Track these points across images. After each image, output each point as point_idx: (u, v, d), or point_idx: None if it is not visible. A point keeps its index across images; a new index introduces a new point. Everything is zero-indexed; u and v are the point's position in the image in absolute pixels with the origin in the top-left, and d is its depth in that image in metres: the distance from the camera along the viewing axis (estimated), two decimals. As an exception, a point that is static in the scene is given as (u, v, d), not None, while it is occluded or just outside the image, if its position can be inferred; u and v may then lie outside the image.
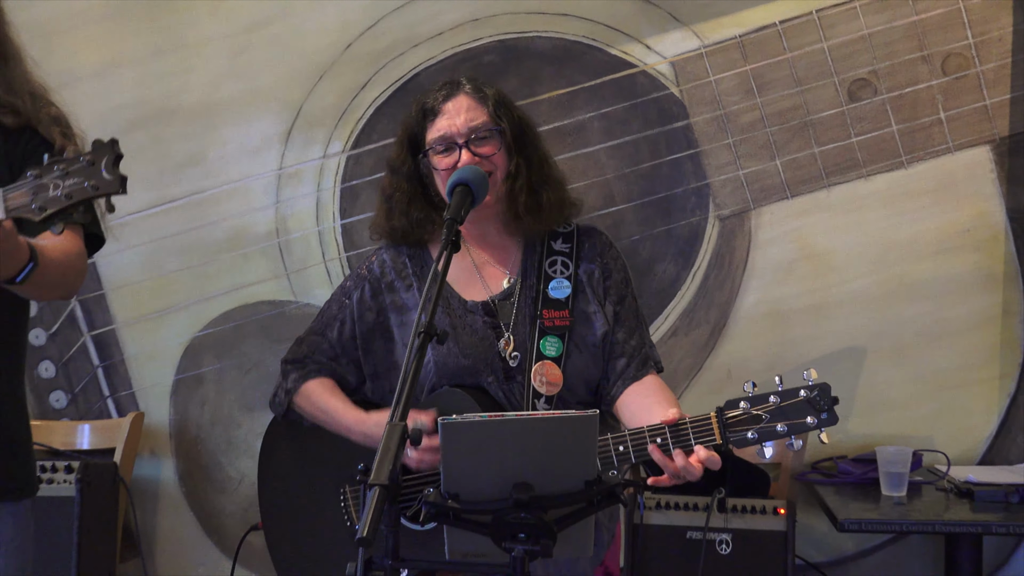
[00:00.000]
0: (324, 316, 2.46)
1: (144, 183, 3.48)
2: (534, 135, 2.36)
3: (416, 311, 2.27)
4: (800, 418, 2.02)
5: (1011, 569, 3.33)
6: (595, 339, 2.30)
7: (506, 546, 1.69)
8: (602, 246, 2.38)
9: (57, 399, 3.56)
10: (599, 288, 2.33)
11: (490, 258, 2.38)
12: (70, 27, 3.48)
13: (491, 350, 2.28)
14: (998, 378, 3.32)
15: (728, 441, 2.04)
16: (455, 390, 2.24)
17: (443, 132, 2.27)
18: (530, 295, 2.32)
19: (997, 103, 3.29)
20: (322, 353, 2.43)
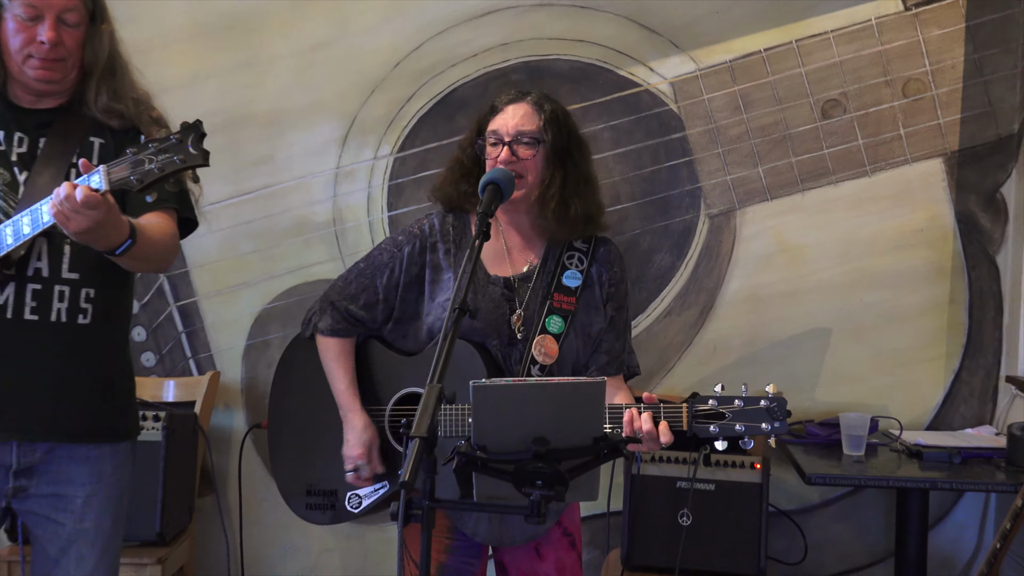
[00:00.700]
0: (375, 262, 2.39)
1: (223, 178, 3.50)
2: (580, 156, 2.33)
3: (448, 273, 2.31)
4: (757, 423, 2.04)
5: (952, 519, 3.35)
6: (592, 330, 2.32)
7: (525, 491, 1.69)
8: (614, 257, 2.38)
9: (147, 359, 3.58)
10: (605, 291, 2.34)
11: (519, 243, 2.37)
12: (163, 45, 3.50)
13: (502, 319, 2.28)
14: (944, 357, 3.31)
15: (692, 429, 2.06)
16: (466, 344, 2.24)
17: (496, 128, 2.28)
18: (546, 279, 2.32)
19: (949, 122, 3.28)
20: (366, 297, 2.37)
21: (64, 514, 2.09)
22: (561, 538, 2.36)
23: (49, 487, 2.07)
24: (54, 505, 2.08)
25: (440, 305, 2.31)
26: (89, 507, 2.10)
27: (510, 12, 3.38)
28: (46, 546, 2.11)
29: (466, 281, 1.84)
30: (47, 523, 2.09)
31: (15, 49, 2.00)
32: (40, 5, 1.97)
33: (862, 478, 2.85)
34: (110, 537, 2.15)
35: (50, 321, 2.02)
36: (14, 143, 2.06)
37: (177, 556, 3.21)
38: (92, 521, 2.10)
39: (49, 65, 2.02)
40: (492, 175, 2.11)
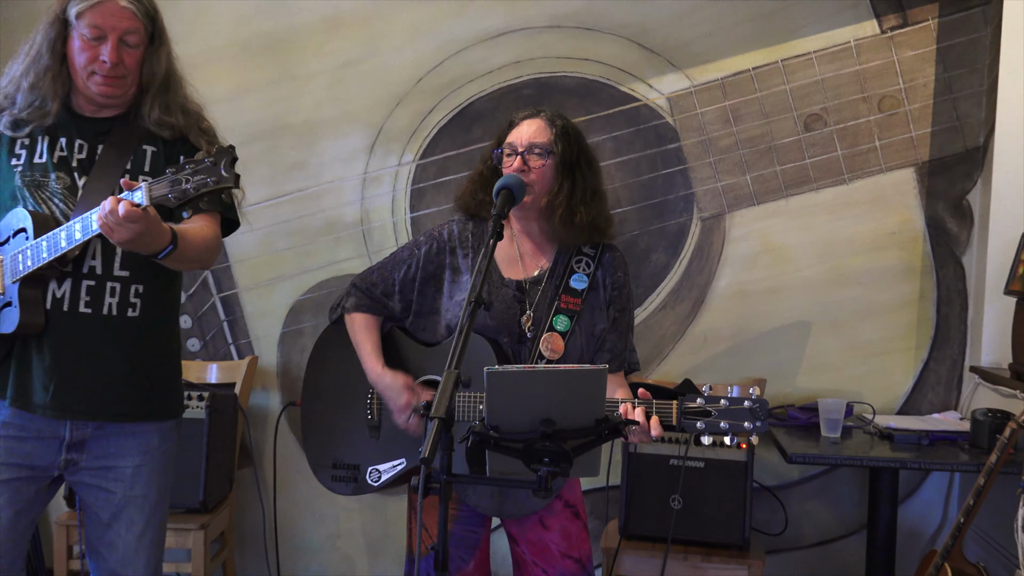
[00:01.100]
0: (396, 258, 2.42)
1: (262, 182, 3.52)
2: (589, 170, 2.32)
3: (466, 275, 2.32)
4: (740, 421, 2.02)
5: (920, 496, 3.35)
6: (595, 329, 2.32)
7: (534, 467, 1.71)
8: (619, 263, 2.36)
9: (193, 344, 3.60)
10: (608, 294, 2.33)
11: (531, 249, 2.37)
12: (211, 61, 3.52)
13: (513, 319, 2.28)
14: (914, 348, 3.32)
15: (680, 425, 2.04)
16: (480, 337, 2.25)
17: (512, 140, 2.30)
18: (555, 282, 2.31)
19: (921, 135, 3.28)
20: (384, 286, 2.39)
21: (115, 483, 2.10)
22: (564, 510, 2.36)
23: (99, 460, 2.09)
24: (104, 476, 2.10)
25: (458, 303, 2.30)
26: (138, 476, 2.12)
27: (522, 33, 3.39)
28: (99, 512, 2.13)
29: (481, 278, 1.86)
30: (98, 492, 2.11)
31: (80, 65, 2.02)
32: (104, 26, 1.99)
33: (838, 458, 2.86)
34: (157, 503, 2.17)
35: (102, 314, 2.04)
36: (75, 150, 2.07)
37: (218, 522, 3.24)
38: (141, 489, 2.12)
39: (110, 82, 2.03)
40: (504, 180, 2.12)
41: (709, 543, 2.94)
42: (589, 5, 3.36)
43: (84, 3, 1.97)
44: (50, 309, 2.01)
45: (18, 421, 2.03)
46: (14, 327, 1.98)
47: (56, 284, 2.01)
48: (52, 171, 2.05)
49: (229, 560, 3.43)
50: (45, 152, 2.06)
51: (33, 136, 2.06)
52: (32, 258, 1.96)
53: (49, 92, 2.03)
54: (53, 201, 2.04)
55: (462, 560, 2.35)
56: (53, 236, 1.95)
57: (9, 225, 2.03)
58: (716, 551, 2.92)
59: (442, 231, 2.39)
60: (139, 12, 2.02)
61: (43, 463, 2.06)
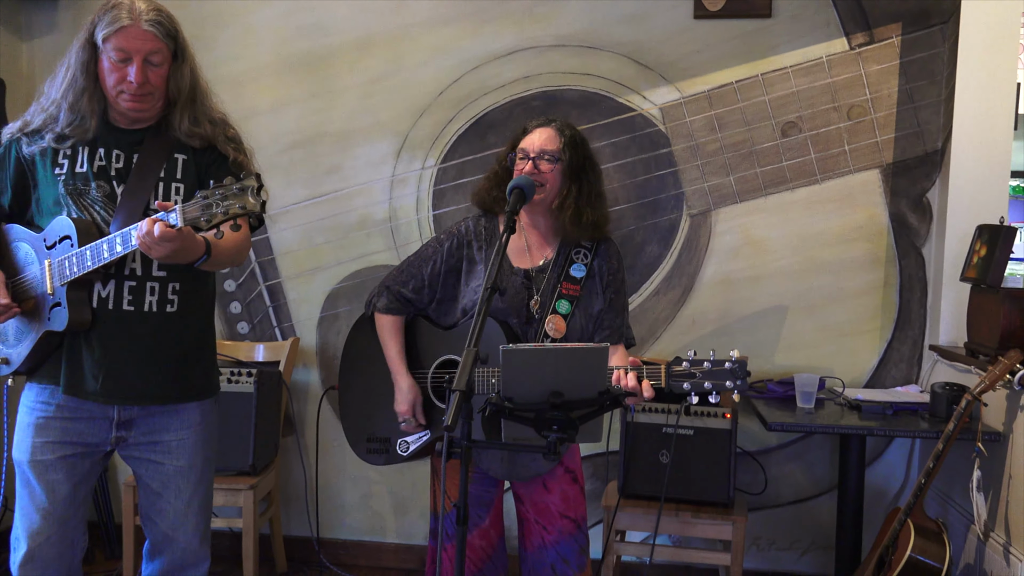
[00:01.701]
0: (421, 256, 2.40)
1: (302, 183, 3.50)
2: (594, 175, 2.32)
3: (480, 264, 2.32)
4: (722, 380, 1.99)
5: (884, 460, 3.33)
6: (593, 311, 2.31)
7: (544, 434, 1.70)
8: (613, 252, 2.36)
9: (242, 327, 3.58)
10: (604, 279, 2.33)
11: (537, 242, 2.36)
12: (254, 79, 3.51)
13: (522, 302, 2.27)
14: (879, 329, 3.28)
15: (669, 387, 2.03)
16: (491, 319, 2.23)
17: (525, 146, 2.29)
18: (557, 271, 2.30)
19: (885, 139, 3.23)
20: (414, 283, 2.37)
21: (162, 456, 2.08)
22: (564, 475, 2.35)
23: (146, 436, 2.07)
24: (152, 449, 2.08)
25: (473, 289, 2.31)
26: (182, 449, 2.09)
27: (531, 51, 3.35)
28: (149, 482, 2.10)
29: (497, 266, 1.84)
30: (148, 464, 2.09)
31: (110, 85, 1.97)
32: (128, 49, 1.92)
33: (812, 426, 2.81)
34: (202, 473, 2.14)
35: (144, 311, 2.00)
36: (112, 160, 2.02)
37: (265, 483, 3.22)
38: (186, 460, 2.10)
39: (138, 99, 1.97)
40: (517, 181, 2.14)
41: (698, 501, 2.92)
42: (590, 26, 3.31)
43: (109, 28, 1.91)
44: (96, 307, 1.98)
45: (71, 404, 2.01)
46: (64, 325, 1.95)
47: (101, 285, 1.98)
48: (92, 180, 2.00)
49: (275, 517, 3.41)
50: (86, 162, 2.01)
51: (75, 148, 2.01)
52: (78, 264, 1.92)
53: (87, 110, 1.98)
54: (95, 208, 2.00)
55: (479, 517, 2.35)
56: (96, 247, 1.90)
57: (55, 231, 1.98)
58: (704, 508, 2.89)
59: (460, 227, 2.38)
60: (161, 33, 1.95)
61: (95, 440, 2.04)
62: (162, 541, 2.14)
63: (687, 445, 2.90)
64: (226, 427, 3.09)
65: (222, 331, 3.57)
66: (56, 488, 2.01)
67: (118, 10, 1.92)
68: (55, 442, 2.00)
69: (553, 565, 2.33)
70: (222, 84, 3.44)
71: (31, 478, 2.01)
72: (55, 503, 2.01)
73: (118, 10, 1.92)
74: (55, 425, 2.01)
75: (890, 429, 2.76)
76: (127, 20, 1.91)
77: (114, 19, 1.91)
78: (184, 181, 2.05)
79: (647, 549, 2.92)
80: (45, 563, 2.02)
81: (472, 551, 2.33)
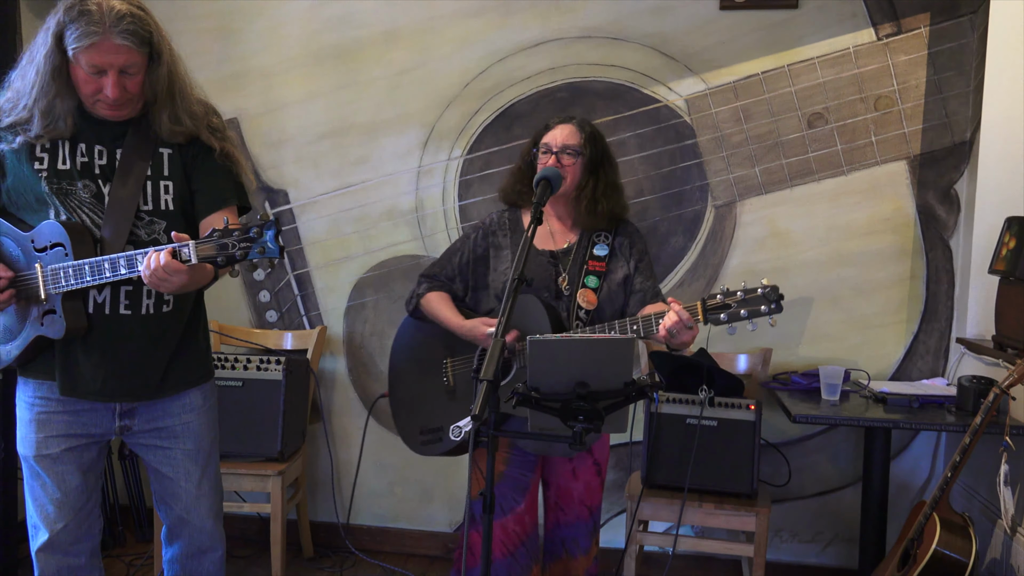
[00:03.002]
0: (451, 249, 2.53)
1: (330, 174, 3.49)
2: (610, 168, 2.42)
3: (506, 250, 2.43)
4: (756, 307, 2.05)
5: (909, 453, 3.26)
6: (619, 281, 2.39)
7: (569, 424, 1.70)
8: (631, 228, 2.48)
9: (271, 316, 3.58)
10: (626, 252, 2.42)
11: (560, 228, 2.46)
12: (284, 71, 3.50)
13: (549, 278, 2.36)
14: (905, 321, 3.21)
15: (707, 320, 2.08)
16: (528, 296, 2.30)
17: (548, 141, 2.38)
18: (582, 252, 2.39)
19: (912, 131, 3.16)
20: (446, 272, 2.50)
21: (168, 440, 2.07)
22: (591, 466, 2.45)
23: (150, 423, 2.05)
24: (158, 435, 2.06)
25: (501, 272, 2.40)
26: (189, 432, 2.08)
27: (557, 43, 3.32)
28: (159, 468, 2.09)
29: (524, 257, 1.87)
30: (156, 450, 2.07)
31: (85, 94, 1.87)
32: (101, 64, 1.81)
33: (837, 418, 2.77)
34: (209, 454, 2.13)
35: (141, 314, 1.96)
36: (95, 155, 1.93)
37: (293, 469, 3.23)
38: (192, 443, 2.08)
39: (115, 108, 1.89)
40: (543, 173, 2.21)
41: (721, 492, 2.88)
42: (616, 18, 3.27)
43: (79, 44, 1.77)
44: (92, 313, 1.92)
45: (71, 399, 1.97)
46: (62, 334, 1.89)
47: (96, 291, 1.92)
48: (78, 179, 1.91)
49: (302, 503, 3.42)
50: (67, 158, 1.91)
51: (53, 142, 1.91)
52: (75, 277, 1.85)
53: (61, 111, 1.87)
54: (83, 210, 1.91)
55: (515, 500, 2.40)
56: (97, 264, 1.83)
57: (45, 235, 1.89)
58: (727, 499, 2.86)
59: (485, 220, 2.50)
60: (135, 43, 1.81)
61: (100, 430, 2.02)
62: (178, 524, 2.13)
63: (711, 436, 2.86)
64: (255, 414, 3.11)
65: (251, 319, 3.59)
66: (66, 478, 1.99)
67: (87, 19, 1.76)
68: (59, 435, 1.97)
69: (564, 542, 2.48)
70: (251, 76, 3.49)
71: (40, 471, 1.98)
72: (67, 493, 1.99)
73: (87, 19, 1.76)
74: (57, 419, 1.97)
75: (916, 422, 2.70)
76: (97, 34, 1.76)
77: (84, 32, 1.76)
78: (172, 178, 1.97)
79: (670, 539, 2.90)
80: (64, 548, 2.02)
81: (506, 535, 2.37)
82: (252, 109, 3.51)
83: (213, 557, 2.17)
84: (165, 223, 1.97)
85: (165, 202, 1.97)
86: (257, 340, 3.46)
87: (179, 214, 1.99)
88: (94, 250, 1.88)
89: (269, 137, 3.51)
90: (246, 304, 3.58)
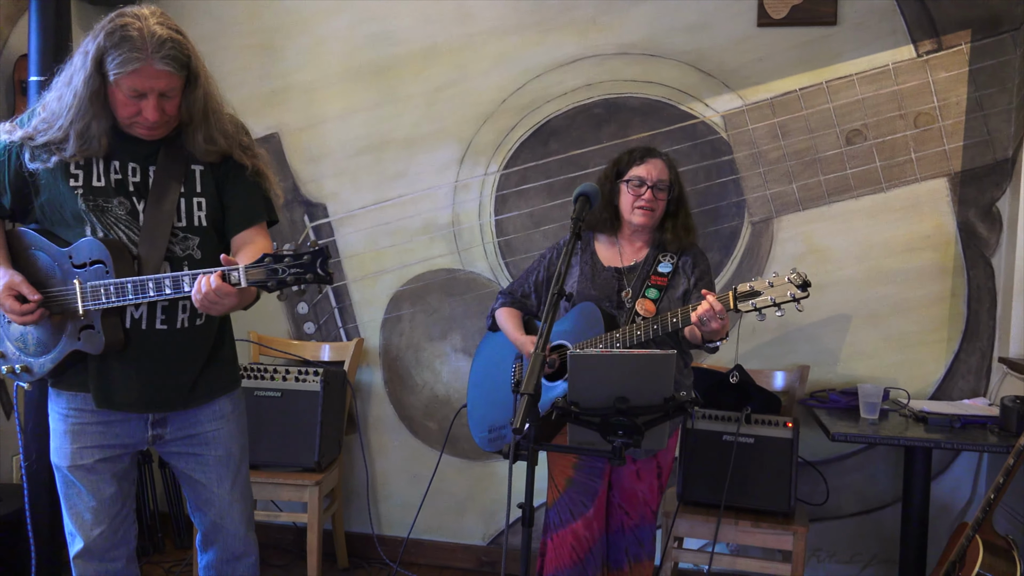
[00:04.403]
0: (531, 267, 2.68)
1: (368, 189, 3.51)
2: (685, 197, 2.59)
3: (576, 267, 2.55)
4: (783, 292, 2.14)
5: (951, 474, 3.19)
6: (679, 296, 2.47)
7: (609, 439, 1.68)
8: (697, 251, 2.58)
9: (308, 328, 3.60)
10: (688, 270, 2.51)
11: (629, 249, 2.57)
12: (324, 86, 3.54)
13: (612, 290, 2.47)
14: (946, 340, 3.15)
15: (737, 306, 2.19)
16: (588, 303, 2.45)
17: (642, 175, 2.50)
18: (647, 268, 2.49)
19: (953, 148, 3.11)
20: (523, 290, 2.66)
21: (201, 447, 2.07)
22: (654, 468, 2.51)
23: (182, 431, 2.06)
24: (190, 443, 2.07)
25: (569, 286, 2.52)
26: (220, 439, 2.08)
27: (594, 59, 3.31)
28: (191, 474, 2.10)
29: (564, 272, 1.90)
30: (188, 457, 2.08)
31: (123, 116, 1.88)
32: (142, 88, 1.83)
33: (877, 437, 2.71)
34: (240, 460, 2.14)
35: (176, 328, 1.97)
36: (129, 172, 1.94)
37: (330, 479, 3.23)
38: (224, 449, 2.09)
39: (152, 129, 1.91)
40: (582, 188, 2.16)
41: (757, 510, 2.84)
42: (653, 35, 3.26)
43: (120, 70, 1.79)
44: (129, 327, 1.93)
45: (105, 410, 1.98)
46: (100, 349, 1.90)
47: (133, 306, 1.93)
48: (113, 196, 1.92)
49: (338, 513, 3.42)
50: (102, 176, 1.92)
51: (87, 160, 1.92)
52: (116, 295, 1.86)
53: (96, 132, 1.88)
54: (119, 227, 1.92)
55: (583, 505, 2.43)
56: (141, 283, 1.85)
57: (84, 252, 1.89)
58: (764, 518, 2.81)
59: (559, 242, 2.68)
60: (176, 68, 1.83)
61: (133, 440, 2.03)
62: (212, 530, 2.14)
63: (747, 453, 2.82)
64: (293, 424, 3.12)
65: (289, 331, 3.61)
66: (101, 487, 2.00)
67: (129, 46, 1.78)
68: (94, 446, 1.98)
69: (627, 548, 2.50)
70: (292, 92, 3.53)
71: (74, 481, 1.99)
72: (102, 501, 2.00)
73: (129, 46, 1.78)
74: (92, 430, 1.98)
75: (957, 442, 2.64)
76: (140, 60, 1.78)
77: (127, 59, 1.78)
78: (205, 195, 1.99)
79: (705, 557, 2.85)
80: (100, 554, 2.03)
81: (577, 540, 2.40)
82: (292, 124, 3.55)
83: (247, 562, 2.18)
84: (198, 239, 1.99)
85: (198, 218, 1.99)
86: (295, 351, 3.48)
87: (211, 230, 2.02)
88: (133, 267, 1.90)
89: (309, 152, 3.54)
90: (285, 315, 3.61)
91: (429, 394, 3.51)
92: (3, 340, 2.04)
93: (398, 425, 3.55)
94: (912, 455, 2.81)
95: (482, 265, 3.42)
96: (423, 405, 3.53)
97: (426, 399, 3.52)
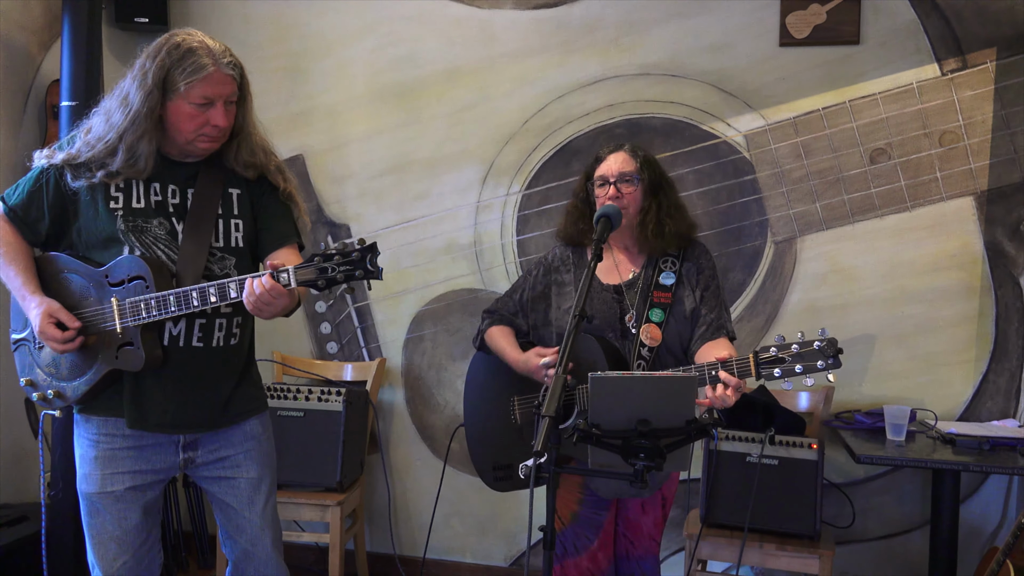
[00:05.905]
0: (514, 285, 2.50)
1: (391, 209, 3.54)
2: (669, 188, 2.34)
3: (569, 285, 2.35)
4: (813, 362, 1.92)
5: (980, 497, 3.12)
6: (685, 313, 2.28)
7: (631, 461, 1.66)
8: (700, 251, 2.36)
9: (331, 347, 3.62)
10: (694, 279, 2.31)
11: (624, 259, 2.37)
12: (349, 108, 3.58)
13: (614, 317, 2.27)
14: (973, 361, 3.10)
15: (760, 375, 1.95)
16: (588, 336, 2.22)
17: (602, 172, 2.30)
18: (647, 282, 2.30)
19: (979, 166, 3.07)
20: (508, 308, 2.46)
21: (232, 470, 2.07)
22: (659, 499, 2.40)
23: (212, 454, 2.06)
24: (221, 466, 2.07)
25: (564, 311, 2.33)
26: (251, 461, 2.08)
27: (615, 80, 3.33)
28: (224, 498, 2.09)
29: (585, 294, 1.84)
30: (220, 481, 2.08)
31: (188, 130, 1.91)
32: (213, 95, 1.88)
33: (904, 459, 2.67)
34: (271, 483, 2.14)
35: (212, 346, 1.99)
36: (168, 195, 1.98)
37: (352, 499, 3.24)
38: (255, 471, 2.09)
39: (215, 140, 1.96)
40: (603, 210, 2.15)
41: (782, 533, 2.80)
42: (674, 55, 3.27)
43: (192, 77, 1.85)
44: (167, 345, 1.95)
45: (137, 434, 1.99)
46: (141, 366, 1.91)
47: (172, 323, 1.94)
48: (153, 217, 1.96)
49: (359, 533, 3.42)
50: (142, 197, 1.96)
51: (127, 182, 1.95)
52: (158, 308, 1.87)
53: (145, 151, 1.91)
54: (158, 247, 1.95)
55: (587, 539, 2.35)
56: (184, 294, 1.86)
57: (123, 269, 1.92)
58: (789, 541, 2.77)
59: (547, 256, 2.44)
60: (237, 75, 1.92)
61: (165, 465, 2.03)
62: (244, 559, 2.12)
63: (772, 475, 2.79)
64: (315, 444, 3.13)
65: (312, 351, 3.63)
66: (127, 515, 1.99)
67: (197, 56, 1.86)
68: (125, 472, 1.98)
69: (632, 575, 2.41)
70: (317, 114, 3.57)
71: (100, 508, 1.99)
72: (127, 531, 1.99)
73: (197, 56, 1.86)
74: (124, 456, 1.98)
75: (987, 465, 2.59)
76: (211, 67, 1.86)
77: (196, 67, 1.85)
78: (242, 216, 2.03)
79: (729, 580, 2.82)
80: None
81: (580, 572, 2.33)
82: (317, 146, 3.58)
83: None
84: (235, 259, 2.02)
85: (236, 239, 2.03)
86: (318, 371, 3.50)
87: (248, 251, 2.06)
88: (171, 284, 1.92)
89: (333, 173, 3.58)
90: (307, 335, 3.63)
91: (451, 413, 3.51)
92: (33, 368, 2.04)
93: (420, 445, 3.55)
94: (940, 478, 2.76)
95: (504, 285, 3.42)
96: (445, 425, 3.53)
97: (448, 419, 3.52)
